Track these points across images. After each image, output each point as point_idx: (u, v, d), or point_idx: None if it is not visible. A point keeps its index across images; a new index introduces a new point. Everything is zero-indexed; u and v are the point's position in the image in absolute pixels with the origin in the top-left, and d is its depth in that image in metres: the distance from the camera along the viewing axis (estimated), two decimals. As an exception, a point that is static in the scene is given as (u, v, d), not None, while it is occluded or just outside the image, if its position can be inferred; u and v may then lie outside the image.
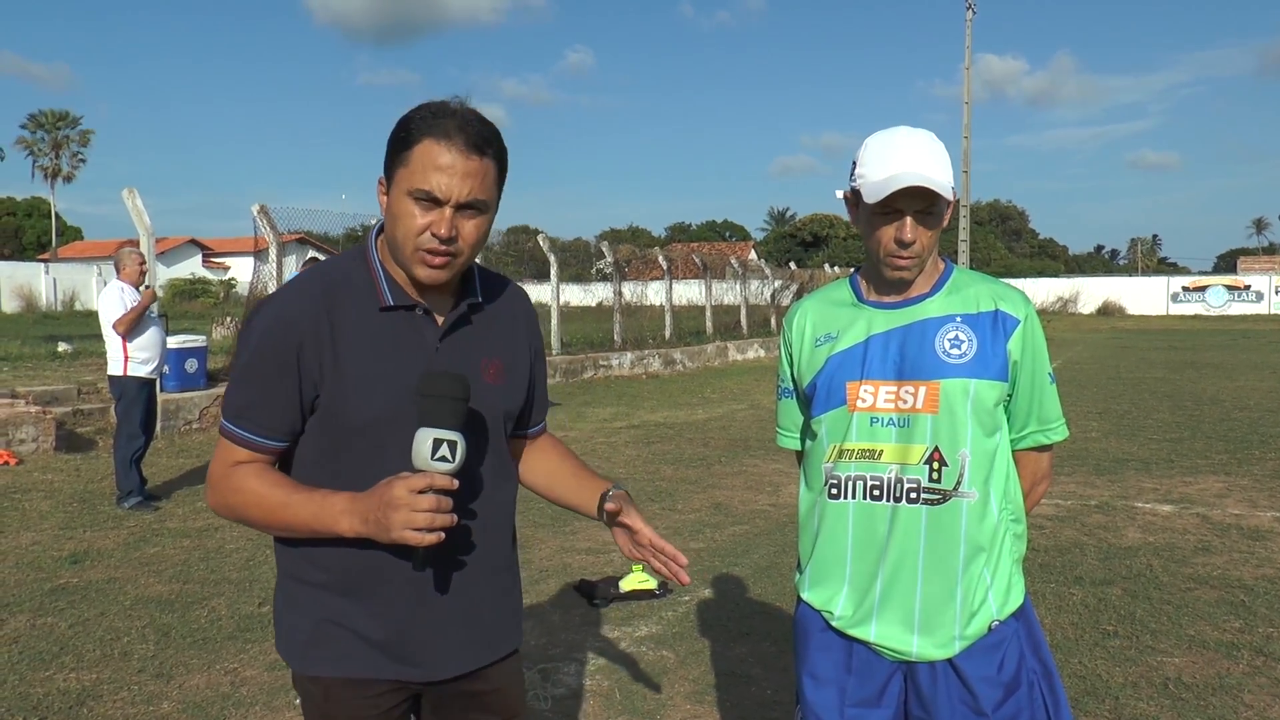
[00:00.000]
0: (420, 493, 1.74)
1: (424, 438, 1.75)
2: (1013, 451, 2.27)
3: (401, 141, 1.84)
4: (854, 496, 2.19)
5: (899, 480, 2.14)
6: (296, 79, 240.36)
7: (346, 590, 1.93)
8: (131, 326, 7.89)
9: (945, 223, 2.17)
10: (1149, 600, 5.52)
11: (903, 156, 2.09)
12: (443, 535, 1.77)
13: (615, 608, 5.52)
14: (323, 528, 1.85)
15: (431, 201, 1.82)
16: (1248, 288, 55.84)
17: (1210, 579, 5.91)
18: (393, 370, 1.89)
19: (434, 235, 1.83)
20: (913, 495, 2.14)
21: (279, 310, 1.91)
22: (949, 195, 2.07)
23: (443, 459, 1.75)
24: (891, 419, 2.15)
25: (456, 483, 1.77)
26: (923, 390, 2.13)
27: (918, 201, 2.08)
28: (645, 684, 4.48)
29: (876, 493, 2.16)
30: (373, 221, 15.64)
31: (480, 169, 1.84)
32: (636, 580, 5.71)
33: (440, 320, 1.97)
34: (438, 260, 1.85)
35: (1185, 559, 6.34)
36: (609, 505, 2.10)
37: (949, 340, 2.15)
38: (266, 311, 1.92)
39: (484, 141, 1.84)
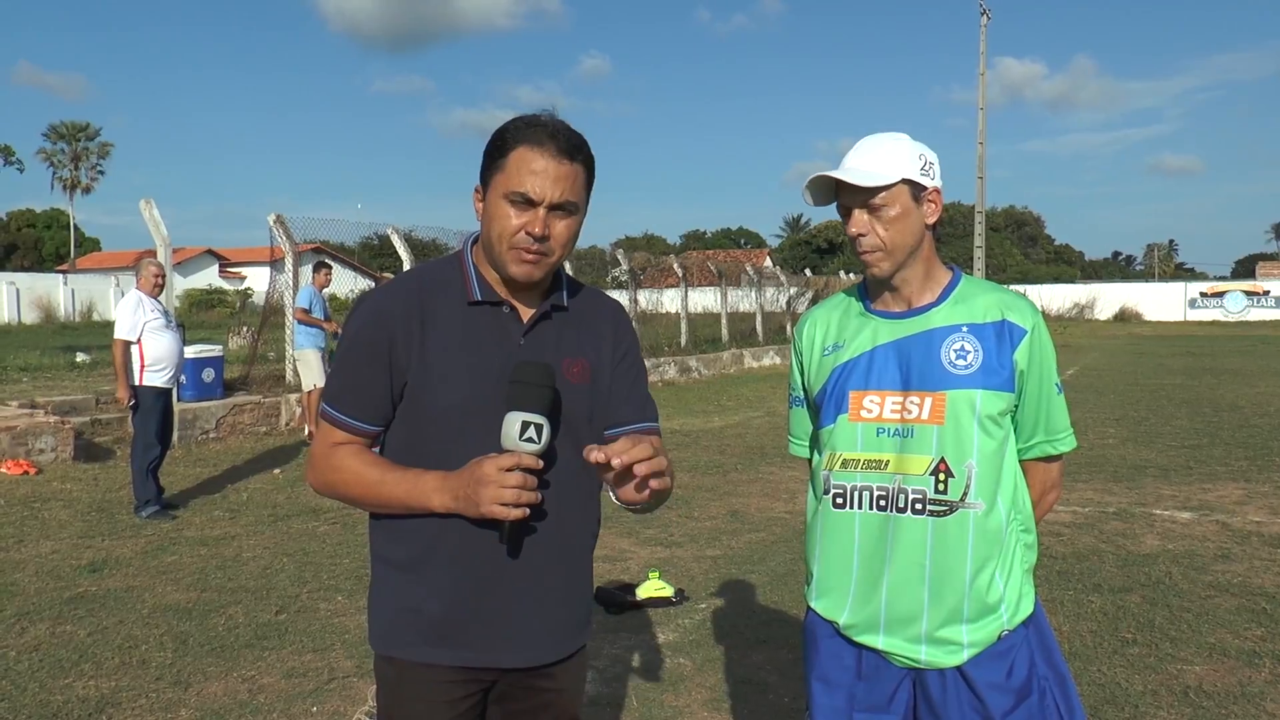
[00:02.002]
0: (508, 470, 1.86)
1: (513, 420, 1.88)
2: (1021, 461, 2.26)
3: (498, 149, 1.98)
4: (859, 507, 2.19)
5: (904, 491, 2.14)
6: (311, 88, 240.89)
7: (422, 567, 2.01)
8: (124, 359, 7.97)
9: (929, 219, 2.17)
10: (1168, 608, 5.49)
11: (847, 160, 2.16)
12: (527, 511, 1.90)
13: (631, 615, 5.52)
14: (416, 504, 1.97)
15: (526, 203, 1.95)
16: (1266, 293, 55.50)
17: (1230, 586, 5.87)
18: (476, 361, 2.00)
19: (528, 234, 1.95)
20: (918, 506, 2.13)
21: (375, 305, 2.06)
22: (862, 181, 2.10)
23: (529, 440, 1.88)
24: (897, 429, 2.15)
25: (541, 463, 1.91)
26: (928, 401, 2.13)
27: (856, 196, 2.14)
28: (662, 691, 4.48)
29: (882, 503, 2.16)
30: (388, 230, 15.72)
31: (571, 173, 1.96)
32: (653, 588, 5.70)
33: (525, 318, 2.06)
34: (530, 257, 1.97)
35: (1205, 566, 6.29)
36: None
37: (955, 350, 2.15)
38: (365, 306, 2.09)
39: (574, 148, 1.97)
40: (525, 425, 1.87)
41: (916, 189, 2.14)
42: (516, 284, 2.03)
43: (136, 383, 7.99)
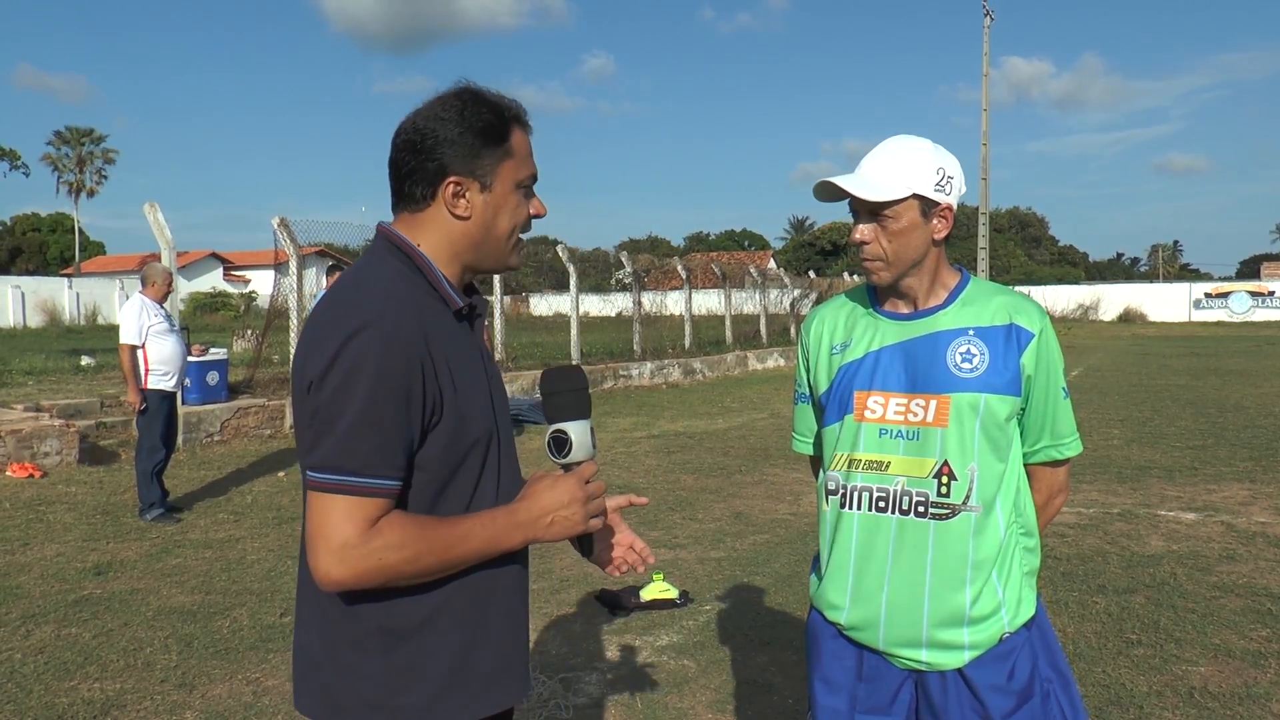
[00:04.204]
0: (589, 481, 1.79)
1: (583, 428, 1.81)
2: (1027, 466, 2.26)
3: (495, 135, 1.76)
4: (860, 508, 2.18)
5: (907, 493, 2.14)
6: (314, 89, 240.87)
7: (464, 620, 1.75)
8: (130, 366, 7.99)
9: (937, 235, 2.14)
10: (1173, 609, 5.48)
11: (865, 161, 2.15)
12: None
13: (636, 617, 5.52)
14: (495, 549, 1.72)
15: (531, 187, 1.84)
16: (1271, 293, 55.34)
17: (1236, 587, 5.86)
18: (477, 376, 1.79)
19: (535, 217, 1.86)
20: (920, 509, 2.13)
21: (388, 333, 1.62)
22: (868, 195, 2.08)
23: (594, 445, 1.83)
24: (901, 431, 2.15)
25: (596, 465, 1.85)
26: (933, 403, 2.13)
27: (863, 203, 2.12)
28: (666, 693, 4.48)
29: (882, 504, 2.16)
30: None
31: None
32: (657, 589, 5.71)
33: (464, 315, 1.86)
34: (523, 244, 1.88)
35: (1210, 567, 6.28)
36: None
37: (960, 354, 2.14)
38: (371, 336, 1.61)
39: None
40: (592, 431, 1.82)
41: (927, 204, 2.11)
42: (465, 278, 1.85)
43: (141, 386, 8.01)
